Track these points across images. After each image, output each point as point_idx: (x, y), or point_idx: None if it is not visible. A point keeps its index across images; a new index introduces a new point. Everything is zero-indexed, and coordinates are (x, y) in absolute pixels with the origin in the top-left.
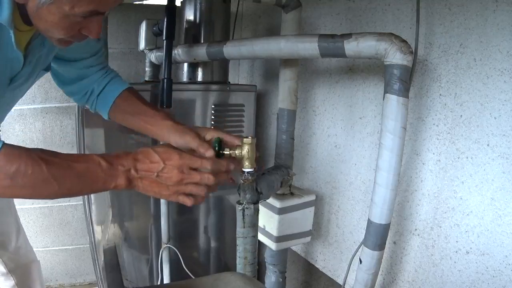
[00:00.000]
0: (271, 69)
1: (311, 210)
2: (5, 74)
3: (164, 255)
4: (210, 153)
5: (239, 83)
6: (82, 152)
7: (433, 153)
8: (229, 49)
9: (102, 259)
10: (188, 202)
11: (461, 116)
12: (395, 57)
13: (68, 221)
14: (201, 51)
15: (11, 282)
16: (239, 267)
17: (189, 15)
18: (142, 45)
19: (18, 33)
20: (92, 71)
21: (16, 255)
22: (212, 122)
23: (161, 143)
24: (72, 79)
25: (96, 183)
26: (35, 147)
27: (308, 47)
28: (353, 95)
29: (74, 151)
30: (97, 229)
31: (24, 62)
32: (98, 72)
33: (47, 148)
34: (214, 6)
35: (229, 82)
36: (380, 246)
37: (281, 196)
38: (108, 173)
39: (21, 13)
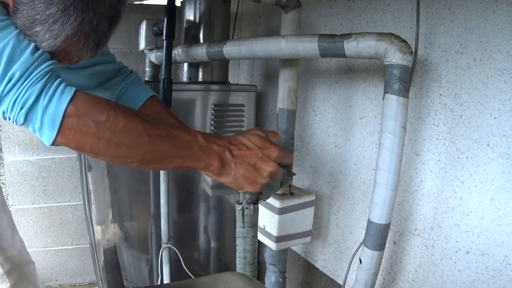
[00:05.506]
0: (271, 69)
1: (311, 210)
2: None
3: (164, 255)
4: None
5: (239, 83)
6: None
7: (433, 153)
8: (229, 49)
9: (102, 259)
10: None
11: (461, 116)
12: (395, 57)
13: (68, 221)
14: (201, 51)
15: (6, 284)
16: (239, 267)
17: (189, 15)
18: (142, 45)
19: None
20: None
21: (12, 256)
22: (212, 122)
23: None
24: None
25: (189, 156)
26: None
27: (308, 47)
28: (353, 95)
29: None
30: (97, 229)
31: None
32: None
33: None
34: (214, 6)
35: (229, 82)
36: (380, 246)
37: (281, 196)
38: (203, 149)
39: None
